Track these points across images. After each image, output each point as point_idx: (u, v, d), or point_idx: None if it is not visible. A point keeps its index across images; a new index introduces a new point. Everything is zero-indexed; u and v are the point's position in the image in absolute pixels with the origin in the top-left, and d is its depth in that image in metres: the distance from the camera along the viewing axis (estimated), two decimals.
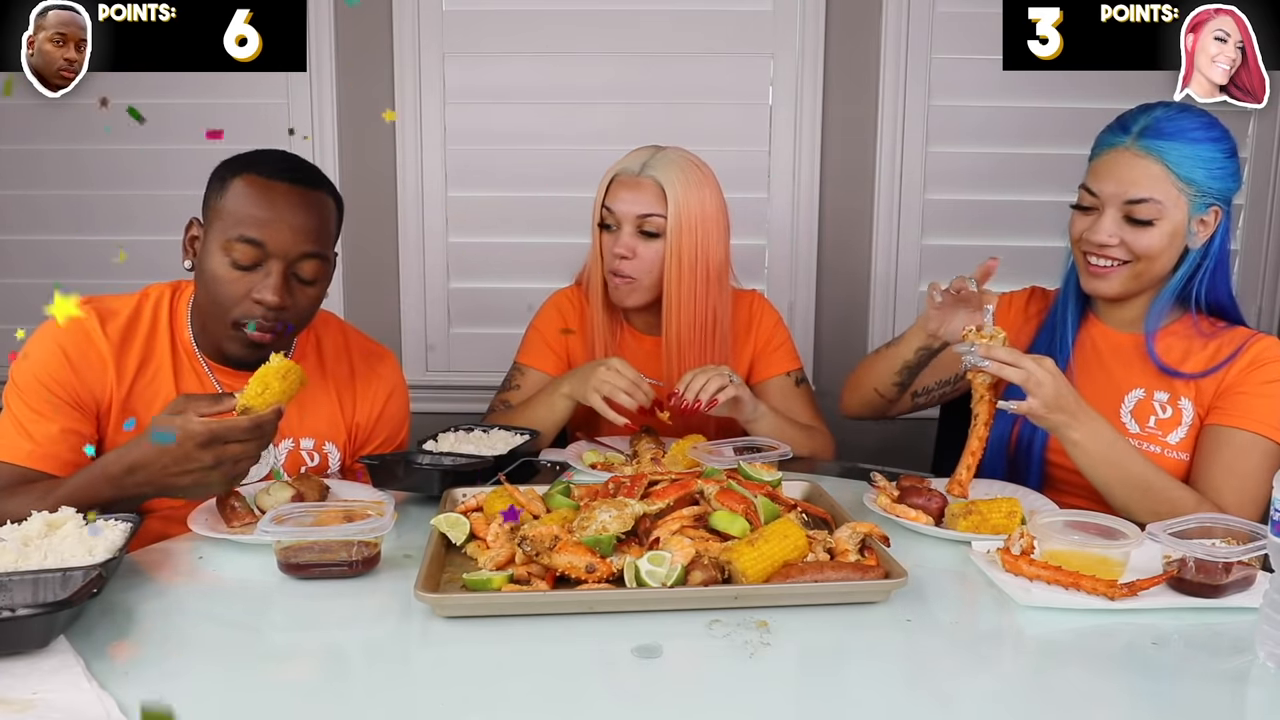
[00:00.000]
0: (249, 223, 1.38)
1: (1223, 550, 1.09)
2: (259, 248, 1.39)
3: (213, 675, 0.94)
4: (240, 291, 1.40)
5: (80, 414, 1.41)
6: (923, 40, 2.42)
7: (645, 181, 1.74)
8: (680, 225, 1.72)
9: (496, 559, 1.14)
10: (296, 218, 1.40)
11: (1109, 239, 1.48)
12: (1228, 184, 1.48)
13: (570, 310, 1.89)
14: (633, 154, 1.79)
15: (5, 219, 2.54)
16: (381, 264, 2.56)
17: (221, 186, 1.42)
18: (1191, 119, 1.46)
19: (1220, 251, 1.51)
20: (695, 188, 1.73)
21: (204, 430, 1.18)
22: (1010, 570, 1.15)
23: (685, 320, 1.76)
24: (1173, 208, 1.45)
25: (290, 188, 1.41)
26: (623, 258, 1.75)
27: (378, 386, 1.63)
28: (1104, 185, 1.48)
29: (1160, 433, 1.51)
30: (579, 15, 2.44)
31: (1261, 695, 0.93)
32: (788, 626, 1.03)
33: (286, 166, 1.44)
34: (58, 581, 1.03)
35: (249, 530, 1.28)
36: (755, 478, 1.33)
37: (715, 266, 1.76)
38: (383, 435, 1.65)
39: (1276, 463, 1.45)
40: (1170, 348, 1.53)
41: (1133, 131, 1.47)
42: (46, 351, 1.41)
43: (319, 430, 1.57)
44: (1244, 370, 1.48)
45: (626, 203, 1.74)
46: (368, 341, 1.68)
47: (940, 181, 2.49)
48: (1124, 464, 1.38)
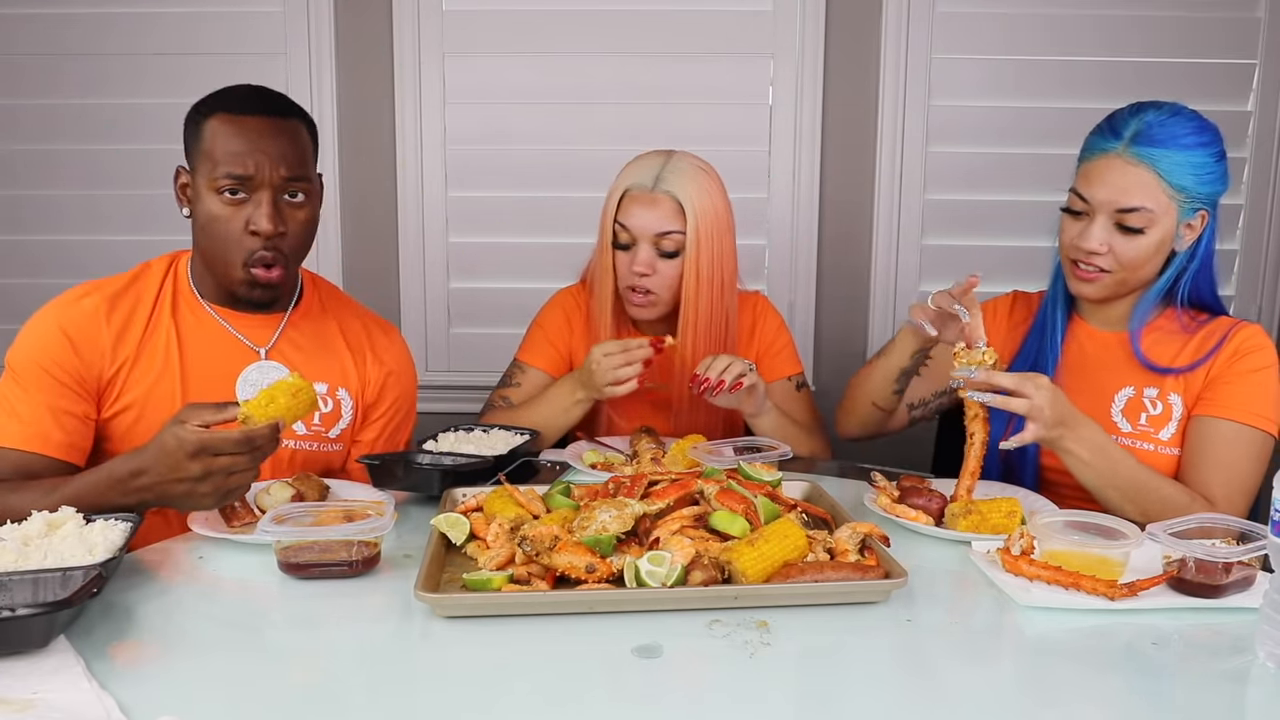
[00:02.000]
0: (231, 160, 1.42)
1: (1223, 550, 1.09)
2: (245, 181, 1.42)
3: (213, 675, 0.94)
4: (238, 228, 1.43)
5: (80, 394, 1.42)
6: (923, 40, 2.42)
7: (661, 197, 1.69)
8: (699, 240, 1.68)
9: (496, 559, 1.14)
10: (274, 147, 1.44)
11: (1099, 246, 1.47)
12: (1216, 187, 1.47)
13: (574, 309, 1.88)
14: (641, 164, 1.74)
15: (5, 219, 2.55)
16: (381, 264, 2.56)
17: (197, 130, 1.45)
18: (1182, 123, 1.45)
19: (1205, 253, 1.50)
20: (709, 197, 1.70)
21: (194, 440, 1.17)
22: (1010, 570, 1.15)
23: (702, 330, 1.74)
24: (1163, 215, 1.45)
25: (262, 119, 1.45)
26: (642, 275, 1.71)
27: (389, 349, 1.65)
28: (1095, 192, 1.47)
29: (1152, 430, 1.51)
30: (579, 15, 2.44)
31: (1261, 695, 0.93)
32: (788, 626, 1.03)
33: (255, 99, 1.47)
34: (58, 581, 1.03)
35: (249, 530, 1.28)
36: (755, 478, 1.33)
37: (729, 272, 1.75)
38: (393, 396, 1.64)
39: (1263, 451, 1.46)
40: (1156, 343, 1.53)
41: (1125, 137, 1.45)
42: (46, 334, 1.42)
43: (331, 375, 1.57)
44: (1228, 359, 1.48)
45: (643, 219, 1.69)
46: (372, 313, 1.70)
47: (940, 181, 2.49)
48: (1116, 468, 1.38)
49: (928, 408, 1.72)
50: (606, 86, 2.47)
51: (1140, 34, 2.42)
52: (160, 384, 1.46)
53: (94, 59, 2.46)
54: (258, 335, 1.52)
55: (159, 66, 2.46)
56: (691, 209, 1.68)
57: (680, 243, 1.69)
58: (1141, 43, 2.42)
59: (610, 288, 1.76)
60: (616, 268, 1.74)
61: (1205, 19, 2.41)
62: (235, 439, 1.18)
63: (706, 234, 1.69)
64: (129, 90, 2.47)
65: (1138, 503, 1.38)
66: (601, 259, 1.76)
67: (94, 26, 2.45)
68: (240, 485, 1.22)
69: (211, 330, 1.51)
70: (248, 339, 1.52)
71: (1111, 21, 2.42)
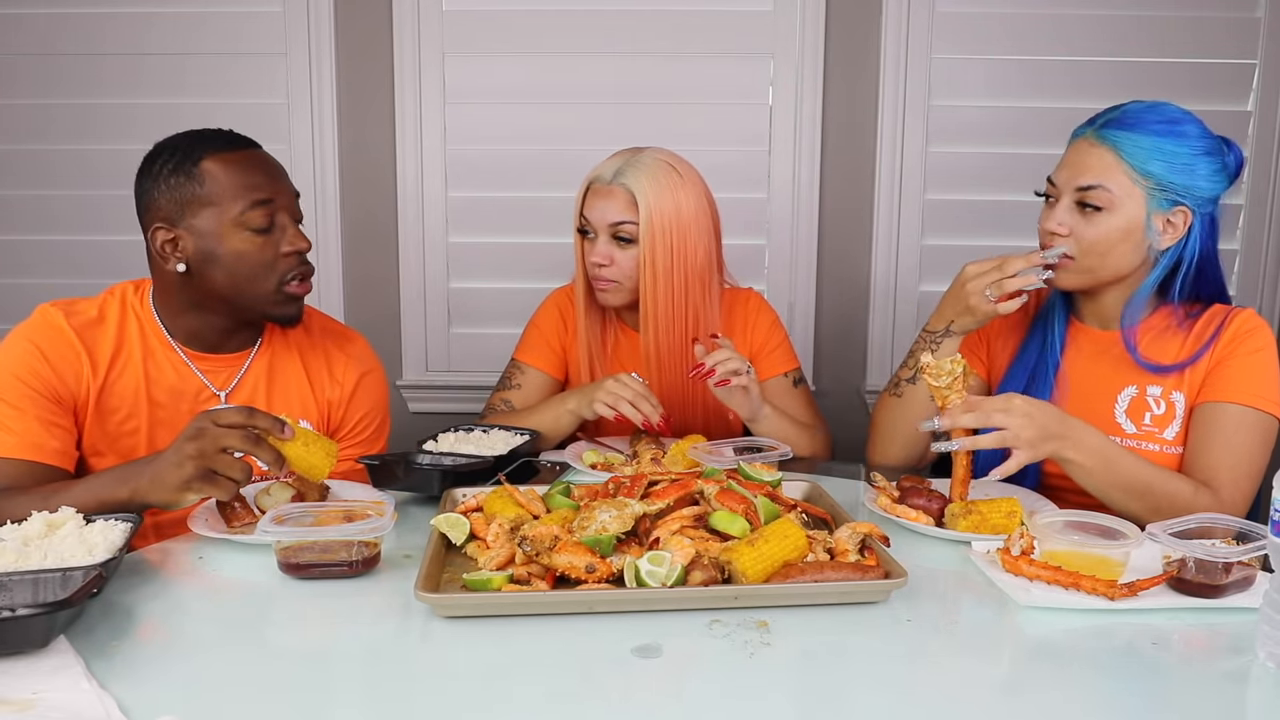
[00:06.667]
0: (250, 189, 1.44)
1: (1223, 550, 1.09)
2: (270, 205, 1.45)
3: (213, 675, 0.94)
4: (270, 255, 1.46)
5: (59, 408, 1.43)
6: (923, 40, 2.42)
7: (616, 189, 1.74)
8: (653, 231, 1.72)
9: (496, 559, 1.14)
10: (275, 170, 1.50)
11: (1058, 227, 1.48)
12: (1196, 183, 1.44)
13: (569, 307, 1.90)
14: (609, 159, 1.79)
15: (5, 219, 2.55)
16: (381, 264, 2.56)
17: (188, 179, 1.43)
18: (1158, 114, 1.45)
19: (1199, 256, 1.48)
20: (669, 191, 1.73)
21: (196, 421, 1.23)
22: (1010, 570, 1.15)
23: (664, 323, 1.77)
24: (1125, 198, 1.44)
25: (253, 151, 1.50)
26: (600, 265, 1.77)
27: (347, 365, 1.65)
28: (1060, 173, 1.50)
29: (1156, 429, 1.50)
30: (579, 15, 2.45)
31: (1261, 695, 0.93)
32: (788, 626, 1.03)
33: (233, 138, 1.50)
34: (58, 581, 1.03)
35: (249, 530, 1.28)
36: (755, 478, 1.33)
37: (696, 268, 1.76)
38: (359, 413, 1.65)
39: (1268, 435, 1.45)
40: (1154, 342, 1.52)
41: (1096, 123, 1.48)
42: (21, 349, 1.43)
43: (289, 407, 1.58)
44: (1228, 344, 1.47)
45: (599, 210, 1.76)
46: (333, 323, 1.70)
47: (940, 181, 2.49)
48: (1119, 469, 1.35)
49: None
50: (606, 86, 2.47)
51: (1140, 34, 2.42)
52: (128, 421, 1.48)
53: (92, 59, 2.47)
54: (219, 378, 1.54)
55: (158, 66, 2.46)
56: (645, 201, 1.72)
57: (633, 232, 1.74)
58: (1142, 43, 2.42)
59: (584, 278, 1.82)
60: (584, 257, 1.81)
61: (1205, 19, 2.41)
62: (239, 408, 1.24)
63: (662, 225, 1.72)
64: (128, 90, 2.47)
65: (1144, 500, 1.35)
66: (576, 251, 1.83)
67: (93, 26, 2.45)
68: (226, 466, 1.22)
69: (178, 370, 1.51)
70: (209, 381, 1.53)
71: (1112, 22, 2.42)
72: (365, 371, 1.66)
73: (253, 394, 1.55)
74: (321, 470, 1.30)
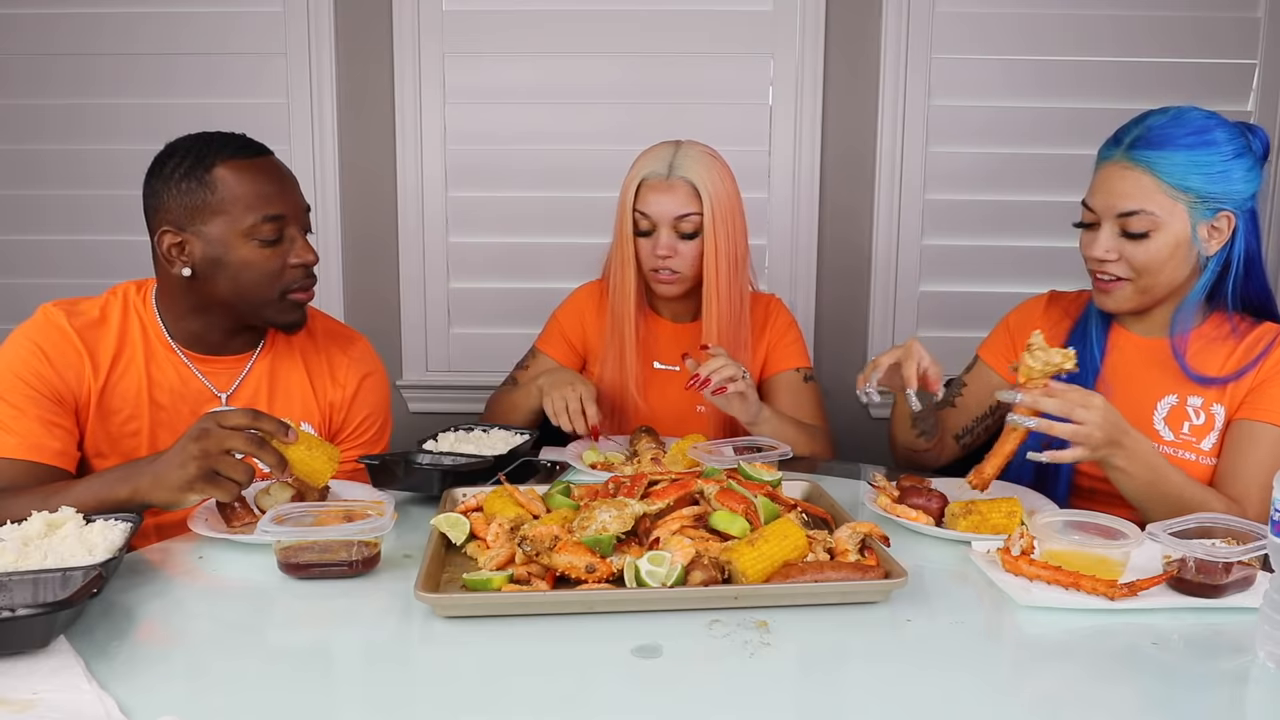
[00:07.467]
0: (263, 202, 1.44)
1: (1223, 550, 1.09)
2: (281, 220, 1.45)
3: (213, 675, 0.94)
4: (277, 265, 1.46)
5: (60, 408, 1.42)
6: (923, 40, 2.42)
7: (676, 183, 1.76)
8: (715, 219, 1.76)
9: (496, 559, 1.14)
10: (288, 181, 1.49)
11: (1105, 254, 1.46)
12: (1233, 186, 1.42)
13: (588, 303, 1.94)
14: (653, 154, 1.80)
15: (6, 219, 2.55)
16: (381, 264, 2.56)
17: (200, 185, 1.42)
18: (1183, 126, 1.42)
19: (1245, 254, 1.46)
20: (720, 180, 1.78)
21: (201, 422, 1.23)
22: (1010, 570, 1.15)
23: (723, 308, 1.81)
24: (1169, 218, 1.42)
25: (268, 159, 1.48)
26: (665, 257, 1.78)
27: (349, 368, 1.64)
28: (1097, 199, 1.47)
29: (1194, 439, 1.48)
30: (579, 15, 2.45)
31: (1261, 695, 0.93)
32: (788, 626, 1.03)
33: (247, 143, 1.48)
34: (58, 581, 1.03)
35: (249, 530, 1.28)
36: (755, 478, 1.33)
37: (742, 249, 1.83)
38: (361, 415, 1.65)
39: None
40: (1201, 350, 1.50)
41: (1124, 143, 1.45)
42: (23, 349, 1.42)
43: (291, 410, 1.58)
44: (1276, 364, 1.45)
45: (662, 205, 1.77)
46: (335, 324, 1.70)
47: (940, 181, 2.49)
48: (1162, 483, 1.35)
49: (974, 433, 1.70)
50: (606, 86, 2.47)
51: (1140, 34, 2.42)
52: (130, 423, 1.48)
53: (89, 59, 2.47)
54: (221, 380, 1.53)
55: (158, 66, 2.47)
56: (706, 191, 1.76)
57: (698, 224, 1.77)
58: (1142, 43, 2.42)
59: (632, 277, 1.83)
60: (639, 254, 1.81)
61: (1205, 19, 2.41)
62: (245, 410, 1.24)
63: (721, 214, 1.77)
64: (127, 90, 2.47)
65: (1178, 515, 1.31)
66: (620, 250, 1.82)
67: (88, 26, 2.45)
68: (229, 468, 1.22)
69: (180, 372, 1.51)
70: (211, 383, 1.52)
71: (1111, 22, 2.42)
72: (367, 374, 1.66)
73: (254, 396, 1.55)
74: (323, 475, 1.30)
